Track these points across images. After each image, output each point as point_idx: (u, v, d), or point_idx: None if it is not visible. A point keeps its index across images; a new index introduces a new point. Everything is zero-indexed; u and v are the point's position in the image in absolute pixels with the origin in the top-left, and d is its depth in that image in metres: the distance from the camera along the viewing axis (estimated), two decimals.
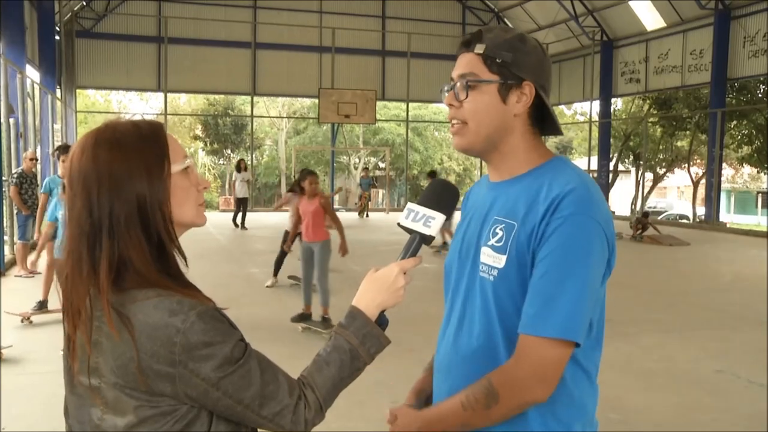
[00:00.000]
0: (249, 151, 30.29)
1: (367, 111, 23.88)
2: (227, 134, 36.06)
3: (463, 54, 1.56)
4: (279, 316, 7.78)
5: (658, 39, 23.11)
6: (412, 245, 1.52)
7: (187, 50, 24.35)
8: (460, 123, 1.55)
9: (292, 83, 25.86)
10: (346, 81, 25.21)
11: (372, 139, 39.56)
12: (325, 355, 1.38)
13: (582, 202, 1.40)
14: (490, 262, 1.50)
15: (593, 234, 1.39)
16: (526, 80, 1.51)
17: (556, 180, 1.46)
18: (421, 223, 1.51)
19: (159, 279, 1.24)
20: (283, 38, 25.26)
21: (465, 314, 1.57)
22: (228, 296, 8.72)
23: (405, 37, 26.39)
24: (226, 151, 37.41)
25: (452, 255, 1.67)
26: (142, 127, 1.29)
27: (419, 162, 39.53)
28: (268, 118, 39.96)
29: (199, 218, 1.37)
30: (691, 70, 21.72)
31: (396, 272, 1.47)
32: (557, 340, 1.37)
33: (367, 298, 1.45)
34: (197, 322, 1.19)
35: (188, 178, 1.33)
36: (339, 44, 25.40)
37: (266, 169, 41.37)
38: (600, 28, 24.96)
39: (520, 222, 1.46)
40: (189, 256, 1.35)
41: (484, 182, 1.70)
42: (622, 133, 31.59)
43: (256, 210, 25.81)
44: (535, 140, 1.57)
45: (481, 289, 1.52)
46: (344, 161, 40.73)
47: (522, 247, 1.44)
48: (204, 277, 9.57)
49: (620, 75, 25.05)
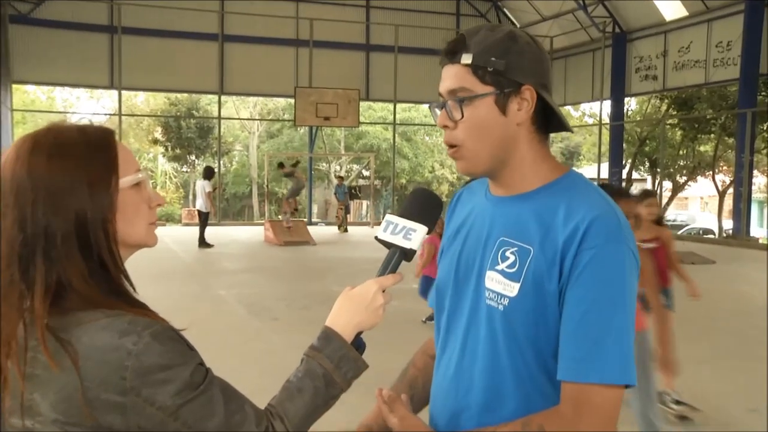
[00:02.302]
0: (216, 158, 30.20)
1: (349, 113, 23.89)
2: (191, 138, 35.95)
3: (448, 66, 1.56)
4: (250, 344, 7.72)
5: (678, 30, 23.29)
6: (392, 261, 1.55)
7: (144, 42, 24.22)
8: (459, 146, 1.55)
9: (265, 81, 25.86)
10: (326, 79, 25.23)
11: (355, 144, 39.60)
12: (296, 381, 1.38)
13: (612, 229, 1.43)
14: (500, 289, 1.50)
15: (627, 263, 1.43)
16: (525, 84, 1.51)
17: (576, 202, 1.48)
18: (401, 236, 1.54)
19: (104, 299, 1.23)
20: (254, 30, 25.28)
21: (466, 344, 1.58)
22: (191, 321, 8.59)
23: (392, 29, 26.48)
24: (189, 157, 37.33)
25: (446, 274, 1.67)
26: (90, 134, 1.30)
27: (408, 170, 39.64)
28: (237, 120, 39.91)
29: (149, 239, 1.38)
30: (717, 65, 21.85)
31: (374, 290, 1.50)
32: (613, 386, 1.40)
33: (342, 318, 1.47)
34: (152, 343, 1.19)
35: (139, 193, 1.34)
36: (318, 37, 25.44)
37: (236, 177, 41.32)
38: (612, 18, 25.14)
39: (537, 247, 1.47)
40: (146, 276, 1.31)
41: (478, 190, 1.71)
42: (636, 137, 31.82)
43: (225, 224, 25.77)
44: (543, 149, 1.59)
45: (488, 318, 1.52)
46: (324, 169, 40.74)
47: (541, 276, 1.45)
48: (163, 299, 9.36)
49: (634, 71, 25.22)
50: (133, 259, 1.41)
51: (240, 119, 39.74)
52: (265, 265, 14.51)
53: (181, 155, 37.19)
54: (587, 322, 1.40)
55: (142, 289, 1.35)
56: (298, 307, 9.79)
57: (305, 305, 9.88)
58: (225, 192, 36.40)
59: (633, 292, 1.44)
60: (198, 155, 37.29)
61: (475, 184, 1.76)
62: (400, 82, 26.44)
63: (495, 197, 1.62)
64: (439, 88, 1.58)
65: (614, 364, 1.39)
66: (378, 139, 38.80)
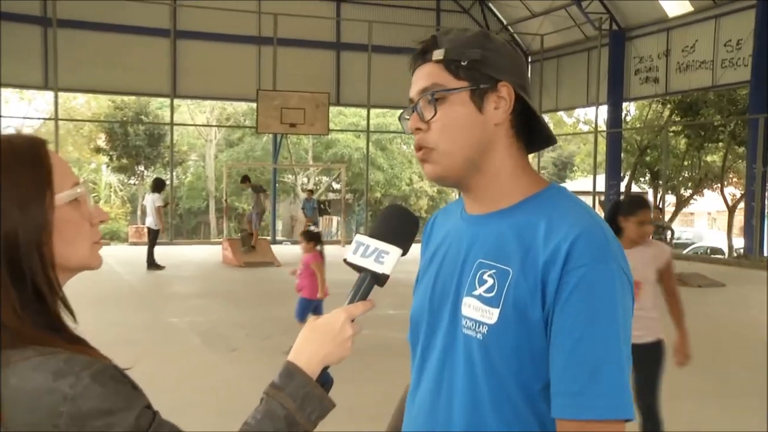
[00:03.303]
0: (168, 168, 30.06)
1: (317, 119, 23.88)
2: (139, 146, 35.77)
3: (419, 67, 1.61)
4: (205, 379, 7.68)
5: (682, 27, 23.53)
6: (362, 286, 1.54)
7: (84, 37, 24.01)
8: (428, 149, 1.58)
9: (224, 83, 25.79)
10: (292, 81, 25.22)
11: (324, 153, 39.59)
12: (255, 423, 1.36)
13: (599, 246, 1.45)
14: (477, 316, 1.52)
15: (617, 283, 1.44)
16: (502, 81, 1.55)
17: (557, 218, 1.50)
18: (372, 259, 1.53)
19: (38, 334, 1.22)
20: (211, 25, 25.22)
21: (442, 378, 1.59)
22: (138, 354, 8.54)
23: (365, 26, 26.59)
24: (137, 167, 37.14)
25: (421, 303, 1.69)
26: (17, 144, 1.28)
27: (383, 182, 39.69)
28: (192, 126, 39.80)
29: (92, 260, 1.37)
30: (725, 66, 22.07)
31: (342, 320, 1.49)
32: (613, 420, 1.40)
33: (307, 351, 1.46)
34: (91, 385, 1.16)
35: (79, 209, 1.33)
36: (282, 34, 25.45)
37: (190, 190, 41.13)
38: (608, 14, 25.42)
39: (517, 269, 1.49)
40: (86, 302, 1.29)
41: (454, 211, 1.74)
42: (636, 145, 32.06)
43: (178, 243, 25.62)
44: (522, 160, 1.62)
45: (466, 348, 1.54)
46: (289, 181, 40.71)
47: (522, 301, 1.47)
48: (106, 329, 9.42)
49: (634, 73, 25.47)
50: (71, 283, 1.38)
51: (195, 125, 39.66)
52: (222, 289, 14.45)
53: (128, 166, 36.97)
54: (580, 353, 1.41)
55: (82, 318, 1.33)
56: (259, 337, 9.74)
57: (267, 334, 9.84)
58: (178, 207, 36.25)
59: (627, 316, 1.45)
60: (147, 166, 37.11)
61: (451, 206, 1.79)
62: (374, 84, 26.49)
63: (471, 216, 1.64)
64: (409, 94, 1.61)
65: (613, 397, 1.39)
66: (350, 148, 38.84)
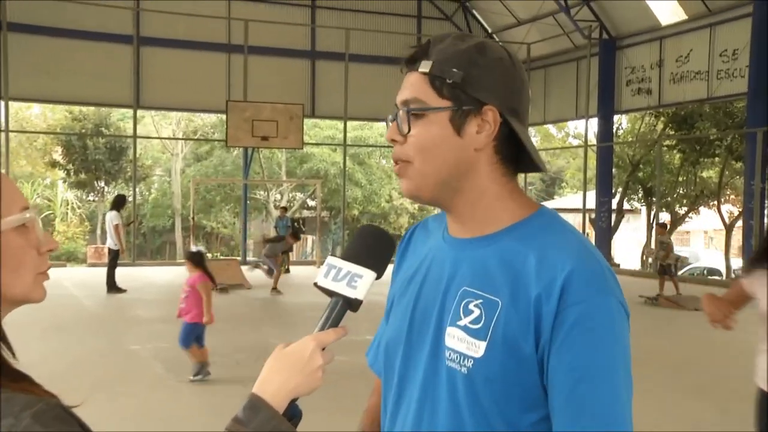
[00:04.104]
0: (130, 184, 29.90)
1: (291, 131, 23.89)
2: (99, 161, 35.58)
3: (408, 73, 1.61)
4: (168, 410, 7.62)
5: (676, 36, 23.70)
6: (333, 312, 1.54)
7: (38, 42, 23.74)
8: (405, 162, 1.59)
9: (191, 93, 25.75)
10: (264, 91, 25.23)
11: (298, 168, 39.58)
12: None
13: (596, 279, 1.46)
14: (462, 348, 1.51)
15: (617, 318, 1.46)
16: (488, 104, 1.55)
17: (551, 247, 1.50)
18: (345, 283, 1.53)
19: None
20: (177, 32, 25.18)
21: (422, 415, 1.58)
22: (96, 383, 8.53)
23: (342, 33, 26.62)
24: (97, 183, 36.95)
25: (398, 330, 1.68)
26: None
27: (361, 199, 39.69)
28: (157, 139, 39.66)
29: (35, 292, 1.34)
30: (721, 77, 22.22)
31: (311, 348, 1.48)
32: None
33: (273, 382, 1.45)
34: (33, 425, 1.14)
35: (26, 236, 1.31)
36: (254, 42, 25.45)
37: (155, 208, 40.97)
38: (599, 22, 25.58)
39: (506, 300, 1.49)
40: (42, 328, 1.28)
41: (435, 229, 1.74)
42: (628, 160, 32.26)
43: (141, 264, 25.43)
44: (510, 184, 1.62)
45: (449, 383, 1.53)
46: (261, 198, 40.63)
47: (513, 335, 1.47)
48: (61, 357, 9.34)
49: (625, 84, 25.63)
50: (25, 307, 1.36)
51: (160, 138, 39.50)
52: None
53: (87, 181, 36.71)
54: (581, 393, 1.42)
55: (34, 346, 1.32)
56: (228, 364, 9.67)
57: (237, 361, 9.81)
58: (142, 225, 36.09)
59: (626, 351, 1.48)
60: (108, 181, 36.92)
61: (431, 222, 1.79)
62: (352, 95, 26.54)
63: (454, 239, 1.64)
64: (396, 98, 1.61)
65: None
66: (325, 163, 38.84)
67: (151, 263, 28.82)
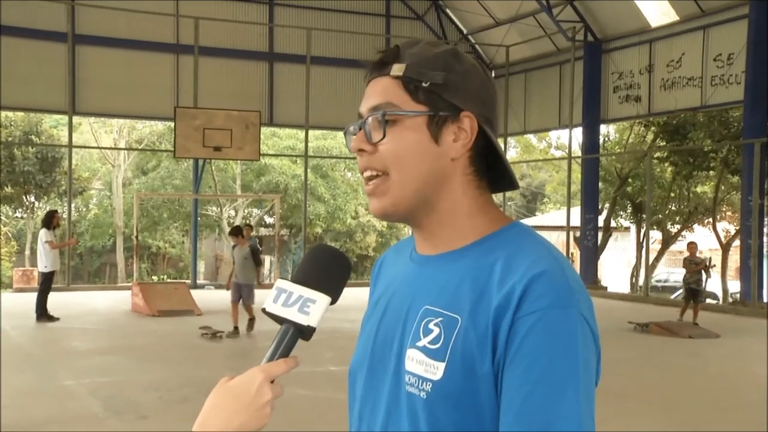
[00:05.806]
0: (65, 199, 29.63)
1: (247, 141, 23.85)
2: (29, 172, 35.18)
3: (375, 80, 1.62)
4: None
5: (666, 39, 23.93)
6: (284, 341, 1.53)
7: None
8: (378, 175, 1.59)
9: (135, 98, 25.67)
10: (217, 97, 25.22)
11: (255, 182, 39.52)
12: None
13: (558, 290, 1.45)
14: (421, 371, 1.52)
15: (579, 332, 1.44)
16: (465, 110, 1.57)
17: (516, 257, 1.51)
18: (296, 309, 1.53)
19: None
20: (118, 30, 25.09)
21: None
22: (23, 423, 8.38)
23: (303, 33, 26.69)
24: (27, 197, 36.62)
25: (361, 355, 1.69)
26: None
27: (324, 215, 39.69)
28: (96, 149, 39.42)
29: None
30: (716, 84, 22.40)
31: (258, 381, 1.46)
32: None
33: (216, 420, 1.44)
34: None
35: None
36: (205, 42, 25.43)
37: (94, 226, 40.70)
38: (583, 23, 25.79)
39: (466, 316, 1.49)
40: None
41: (404, 249, 1.76)
42: (616, 173, 32.50)
43: (77, 288, 25.19)
44: (482, 198, 1.63)
45: (409, 410, 1.53)
46: (214, 214, 40.51)
47: (470, 353, 1.47)
48: None
49: (612, 91, 25.85)
50: None
51: (99, 148, 39.30)
52: (131, 344, 14.26)
53: (15, 195, 36.31)
54: (530, 411, 1.40)
55: None
56: (175, 400, 9.64)
57: (185, 397, 9.75)
58: (78, 245, 35.77)
59: (589, 369, 1.45)
60: (39, 196, 36.57)
61: (403, 242, 1.80)
62: (314, 102, 26.59)
63: (421, 257, 1.65)
64: (359, 107, 1.61)
65: None
66: (285, 176, 38.83)
67: (89, 287, 28.58)
